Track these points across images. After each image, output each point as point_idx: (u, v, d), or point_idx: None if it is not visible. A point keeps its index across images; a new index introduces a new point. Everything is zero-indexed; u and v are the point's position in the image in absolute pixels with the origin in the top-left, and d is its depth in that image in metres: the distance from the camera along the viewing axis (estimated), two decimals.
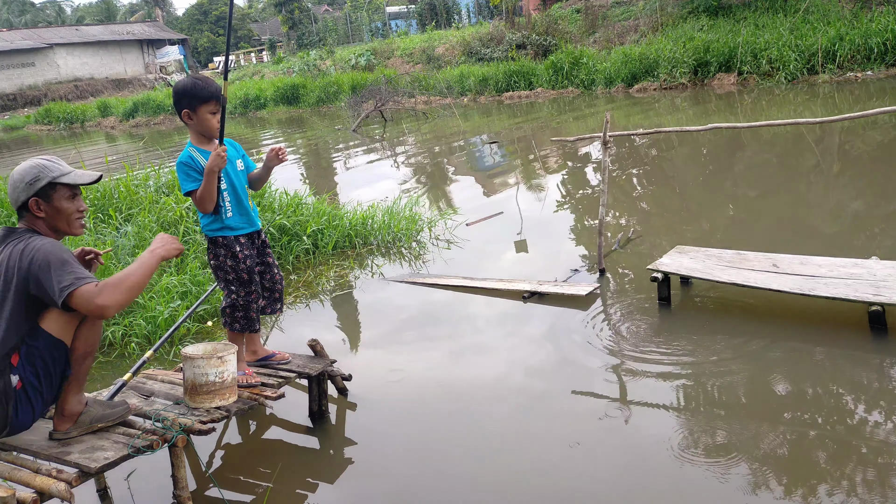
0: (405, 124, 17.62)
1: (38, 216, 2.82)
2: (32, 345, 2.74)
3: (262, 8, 64.87)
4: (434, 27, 33.18)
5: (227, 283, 3.54)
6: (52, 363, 2.77)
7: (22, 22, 58.97)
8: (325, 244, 6.69)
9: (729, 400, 3.57)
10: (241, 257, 3.49)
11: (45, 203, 2.81)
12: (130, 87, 45.05)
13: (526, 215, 7.57)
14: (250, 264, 3.53)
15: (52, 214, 2.84)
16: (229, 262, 3.50)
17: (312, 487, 3.28)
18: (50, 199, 2.82)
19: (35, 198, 2.79)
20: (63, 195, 2.84)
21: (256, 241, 3.64)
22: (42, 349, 2.74)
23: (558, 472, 3.14)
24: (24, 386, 2.73)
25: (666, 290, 4.74)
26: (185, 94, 3.32)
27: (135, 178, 7.91)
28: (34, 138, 29.79)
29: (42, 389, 2.78)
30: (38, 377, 2.76)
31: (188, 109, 3.32)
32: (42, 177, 2.80)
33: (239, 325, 3.59)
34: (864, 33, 15.02)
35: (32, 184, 2.79)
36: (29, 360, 2.73)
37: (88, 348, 2.84)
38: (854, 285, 4.10)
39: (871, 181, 7.60)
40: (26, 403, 2.76)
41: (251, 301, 3.57)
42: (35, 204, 2.80)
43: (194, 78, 3.39)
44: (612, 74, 18.37)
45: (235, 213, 3.49)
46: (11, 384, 2.71)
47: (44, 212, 2.82)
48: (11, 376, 2.71)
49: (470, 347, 4.57)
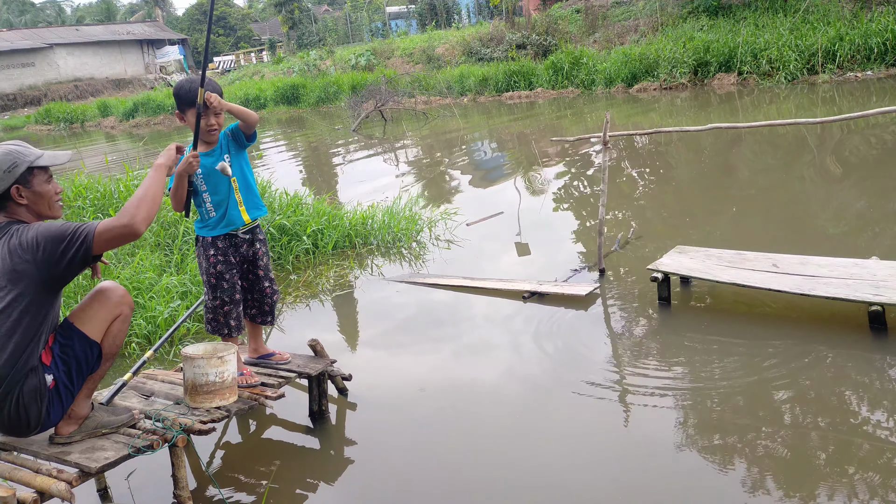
0: (405, 124, 17.61)
1: (20, 203, 2.77)
2: (67, 344, 2.74)
3: (262, 8, 64.84)
4: (434, 27, 33.16)
5: (204, 283, 3.58)
6: (86, 363, 2.78)
7: (22, 22, 58.94)
8: (325, 244, 6.69)
9: (729, 400, 3.57)
10: (211, 261, 3.47)
11: (26, 189, 2.76)
12: (130, 87, 45.02)
13: (526, 215, 7.57)
14: (220, 269, 3.47)
15: (34, 200, 2.79)
16: (203, 263, 3.51)
17: (312, 487, 3.28)
18: (30, 185, 2.77)
19: (16, 185, 2.74)
20: (41, 178, 2.81)
21: (244, 248, 3.55)
22: (77, 349, 2.75)
23: (558, 472, 3.14)
24: (57, 385, 2.74)
25: (666, 290, 4.74)
26: (176, 96, 3.39)
27: (135, 178, 7.91)
28: (34, 138, 29.76)
29: (73, 389, 2.79)
30: (72, 377, 2.76)
31: (178, 111, 3.41)
32: (19, 162, 2.74)
33: (210, 327, 3.60)
34: (864, 33, 15.01)
35: (11, 171, 2.72)
36: (63, 360, 2.74)
37: (114, 349, 2.87)
38: (854, 285, 4.10)
39: (872, 181, 7.60)
40: (58, 403, 2.76)
41: (217, 306, 3.52)
42: (17, 191, 2.74)
43: (189, 80, 3.39)
44: (612, 74, 18.36)
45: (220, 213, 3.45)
46: (46, 383, 2.71)
47: (25, 198, 2.77)
48: (46, 375, 2.71)
49: (470, 347, 4.57)
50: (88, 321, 2.77)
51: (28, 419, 2.70)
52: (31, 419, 2.71)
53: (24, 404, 2.66)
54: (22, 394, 2.65)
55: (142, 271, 5.60)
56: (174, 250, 6.14)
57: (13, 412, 2.67)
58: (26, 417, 2.69)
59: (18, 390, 2.64)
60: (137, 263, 5.77)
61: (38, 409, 2.70)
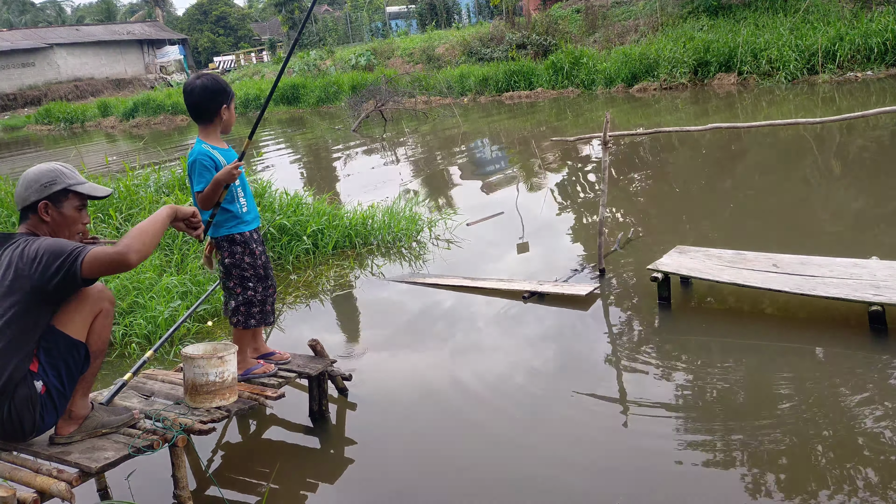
0: (405, 124, 17.61)
1: (43, 220, 2.79)
2: (51, 348, 2.72)
3: (262, 8, 64.85)
4: (434, 27, 33.14)
5: (242, 280, 3.55)
6: (74, 364, 2.77)
7: (22, 22, 58.96)
8: (325, 244, 6.69)
9: (729, 400, 3.57)
10: (257, 253, 3.55)
11: (55, 208, 2.79)
12: (130, 87, 45.01)
13: (526, 215, 7.57)
14: (265, 259, 3.61)
15: (58, 221, 2.80)
16: (247, 259, 3.52)
17: (312, 487, 3.28)
18: (60, 206, 2.79)
19: (46, 201, 2.76)
20: (73, 204, 2.83)
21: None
22: (63, 351, 2.73)
23: (558, 472, 3.14)
24: (48, 390, 2.72)
25: (666, 290, 4.74)
26: (223, 90, 3.45)
27: (135, 178, 7.91)
28: (34, 138, 29.78)
29: (66, 392, 2.78)
30: (62, 380, 2.75)
31: (227, 104, 3.46)
32: (58, 181, 2.78)
33: (255, 321, 3.62)
34: (864, 33, 15.01)
35: (48, 186, 2.76)
36: (51, 365, 2.72)
37: (101, 346, 2.85)
38: (854, 285, 4.10)
39: (872, 181, 7.60)
40: (51, 407, 2.75)
41: (268, 295, 3.64)
42: (44, 207, 2.77)
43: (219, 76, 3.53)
44: (612, 74, 18.37)
45: (251, 207, 3.57)
46: (36, 390, 2.70)
47: (51, 217, 2.79)
48: (35, 382, 2.70)
49: (470, 347, 4.57)
50: (70, 322, 2.73)
51: (23, 426, 2.71)
52: (26, 426, 2.71)
53: (17, 413, 2.66)
54: (13, 404, 2.65)
55: (142, 271, 5.60)
56: (174, 250, 6.14)
57: (6, 421, 2.68)
58: (20, 425, 2.70)
59: (9, 401, 2.64)
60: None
61: (31, 416, 2.70)
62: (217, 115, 3.45)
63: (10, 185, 7.83)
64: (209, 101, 3.42)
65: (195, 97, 3.42)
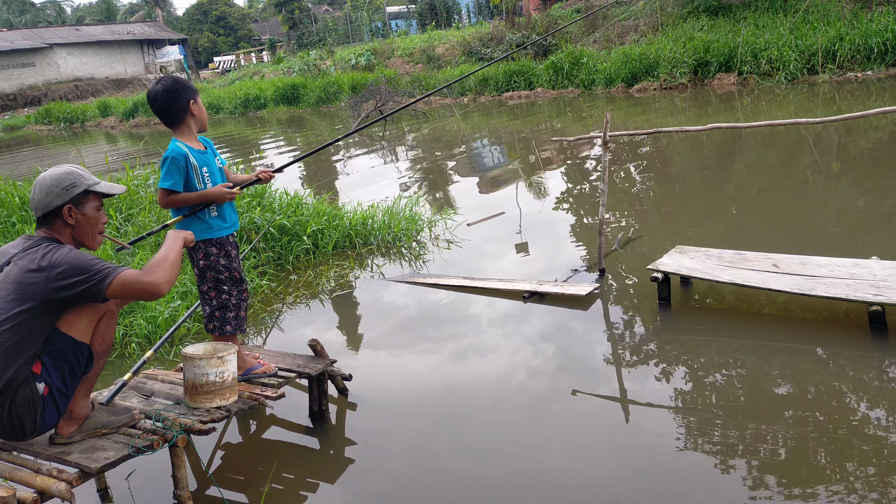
0: (405, 124, 17.62)
1: (68, 223, 2.79)
2: (55, 350, 2.71)
3: (262, 8, 64.86)
4: (434, 27, 33.15)
5: (217, 284, 3.49)
6: (77, 366, 2.77)
7: (22, 22, 58.96)
8: (325, 244, 6.69)
9: (729, 400, 3.57)
10: (232, 255, 3.51)
11: (78, 210, 2.79)
12: (130, 87, 45.02)
13: (526, 215, 7.57)
14: (238, 264, 3.55)
15: (81, 223, 2.81)
16: (222, 262, 3.48)
17: (312, 487, 3.28)
18: (82, 207, 2.81)
19: (69, 204, 2.77)
20: (93, 204, 2.85)
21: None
22: (67, 353, 2.73)
23: (559, 472, 3.14)
24: (51, 391, 2.72)
25: (666, 290, 4.74)
26: (185, 86, 3.42)
27: (135, 178, 7.91)
28: (34, 138, 29.78)
29: (68, 392, 2.78)
30: (65, 381, 2.74)
31: (193, 99, 3.43)
32: (79, 184, 2.78)
33: (230, 327, 3.55)
34: (864, 33, 15.01)
35: (69, 189, 2.76)
36: (55, 366, 2.71)
37: (105, 347, 2.85)
38: (854, 285, 4.10)
39: (872, 181, 7.60)
40: (53, 408, 2.75)
41: (242, 300, 3.58)
42: (68, 211, 2.77)
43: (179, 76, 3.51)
44: (612, 74, 18.36)
45: (220, 213, 3.47)
46: (38, 392, 2.70)
47: (75, 220, 2.79)
48: (37, 384, 2.69)
49: (470, 347, 4.57)
50: (75, 324, 2.73)
51: (23, 426, 2.71)
52: (27, 427, 2.71)
53: (17, 414, 2.66)
54: (14, 405, 2.65)
55: None
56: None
57: (7, 422, 2.68)
58: (21, 425, 2.70)
59: (10, 401, 2.64)
60: (138, 264, 5.77)
61: (32, 417, 2.70)
62: (187, 112, 3.40)
63: (10, 185, 7.82)
64: (175, 101, 3.38)
65: (160, 101, 3.38)
